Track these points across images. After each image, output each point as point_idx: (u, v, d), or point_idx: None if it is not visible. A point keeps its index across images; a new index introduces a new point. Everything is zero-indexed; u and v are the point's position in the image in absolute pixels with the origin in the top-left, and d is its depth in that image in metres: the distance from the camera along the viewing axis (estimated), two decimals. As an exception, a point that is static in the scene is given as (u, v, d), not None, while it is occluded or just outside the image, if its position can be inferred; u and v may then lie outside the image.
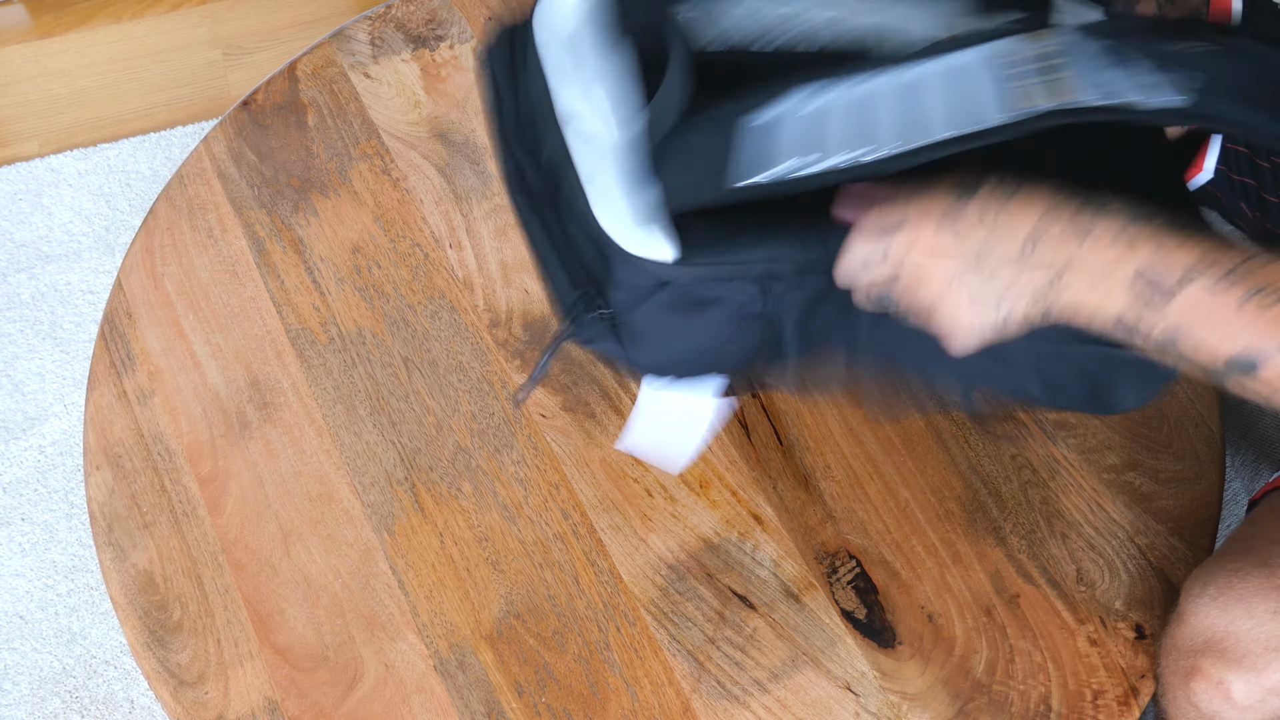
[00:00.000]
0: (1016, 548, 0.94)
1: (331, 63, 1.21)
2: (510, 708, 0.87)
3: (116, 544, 0.94)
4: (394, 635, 0.90)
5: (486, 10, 1.24)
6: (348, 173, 1.13)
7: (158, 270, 1.08)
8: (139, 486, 0.97)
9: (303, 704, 0.88)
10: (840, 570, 0.93)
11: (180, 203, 1.12)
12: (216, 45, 1.92)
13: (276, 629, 0.90)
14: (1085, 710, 0.87)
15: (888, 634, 0.90)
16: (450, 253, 1.09)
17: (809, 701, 0.88)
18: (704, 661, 0.89)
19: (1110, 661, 0.89)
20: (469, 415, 1.00)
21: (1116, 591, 0.92)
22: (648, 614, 0.91)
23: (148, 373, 1.02)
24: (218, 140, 1.15)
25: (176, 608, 0.91)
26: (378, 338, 1.04)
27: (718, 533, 0.94)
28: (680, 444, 0.87)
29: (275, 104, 1.18)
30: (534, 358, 1.02)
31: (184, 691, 0.88)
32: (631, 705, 0.87)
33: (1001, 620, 0.90)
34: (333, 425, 0.99)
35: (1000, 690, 0.88)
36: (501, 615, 0.91)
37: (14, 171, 1.76)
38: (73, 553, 1.46)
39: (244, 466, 0.97)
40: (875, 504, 0.96)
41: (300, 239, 1.09)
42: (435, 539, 0.94)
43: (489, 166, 1.14)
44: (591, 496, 0.96)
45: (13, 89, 1.87)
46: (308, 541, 0.94)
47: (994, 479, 0.97)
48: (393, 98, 1.18)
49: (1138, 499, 0.96)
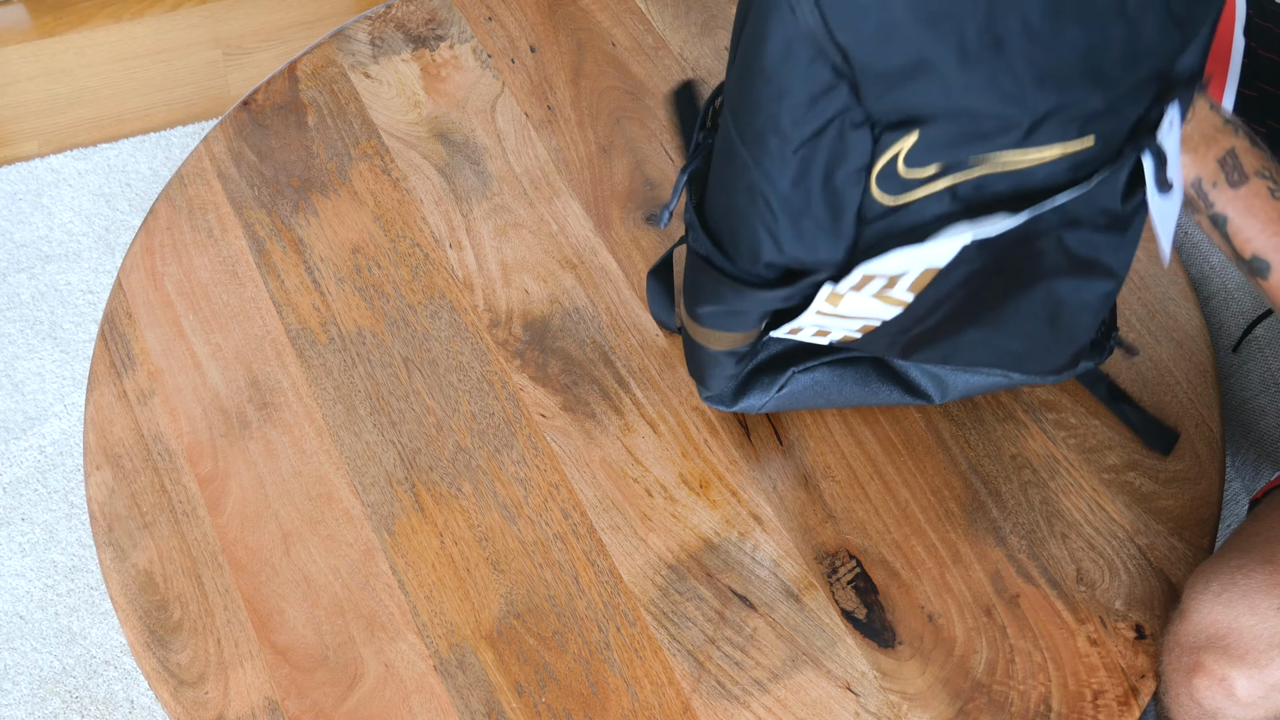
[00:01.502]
0: (1016, 548, 0.94)
1: (331, 63, 1.21)
2: (510, 708, 0.87)
3: (116, 544, 0.94)
4: (394, 635, 0.90)
5: (486, 10, 1.24)
6: (348, 173, 1.13)
7: (158, 270, 1.08)
8: (139, 486, 0.97)
9: (303, 704, 0.88)
10: (840, 570, 0.93)
11: (180, 203, 1.12)
12: (216, 45, 1.92)
13: (276, 629, 0.90)
14: (1085, 710, 0.87)
15: (888, 634, 0.90)
16: (450, 253, 1.09)
17: (809, 701, 0.88)
18: (704, 661, 0.89)
19: (1110, 661, 0.89)
20: (469, 415, 1.00)
21: (1116, 591, 0.92)
22: (648, 614, 0.91)
23: (148, 373, 1.02)
24: (218, 140, 1.15)
25: (176, 608, 0.91)
26: (378, 338, 1.04)
27: (718, 533, 0.94)
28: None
29: (275, 104, 1.18)
30: (534, 357, 1.02)
31: (184, 691, 0.88)
32: (631, 705, 0.87)
33: (1001, 620, 0.90)
34: (333, 425, 0.99)
35: (1000, 690, 0.88)
36: (501, 615, 0.91)
37: (14, 171, 1.76)
38: (73, 553, 1.46)
39: (244, 466, 0.97)
40: (875, 504, 0.95)
41: (300, 239, 1.09)
42: (435, 539, 0.94)
43: (489, 166, 1.14)
44: (591, 496, 0.96)
45: (13, 89, 1.87)
46: (308, 541, 0.94)
47: (994, 479, 0.97)
48: (393, 98, 1.18)
49: (1138, 499, 0.96)
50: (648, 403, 1.00)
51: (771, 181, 0.74)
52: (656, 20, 1.23)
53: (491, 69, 1.20)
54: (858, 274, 0.77)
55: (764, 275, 0.80)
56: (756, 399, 0.94)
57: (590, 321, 1.04)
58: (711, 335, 0.87)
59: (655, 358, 1.03)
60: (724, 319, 0.85)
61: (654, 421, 0.99)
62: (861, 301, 0.80)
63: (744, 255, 0.79)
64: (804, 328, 0.85)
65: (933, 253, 0.75)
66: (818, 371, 0.94)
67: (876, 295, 0.80)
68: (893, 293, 0.79)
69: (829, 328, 0.85)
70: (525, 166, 1.14)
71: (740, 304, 0.82)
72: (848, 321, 0.83)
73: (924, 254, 0.75)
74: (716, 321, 0.85)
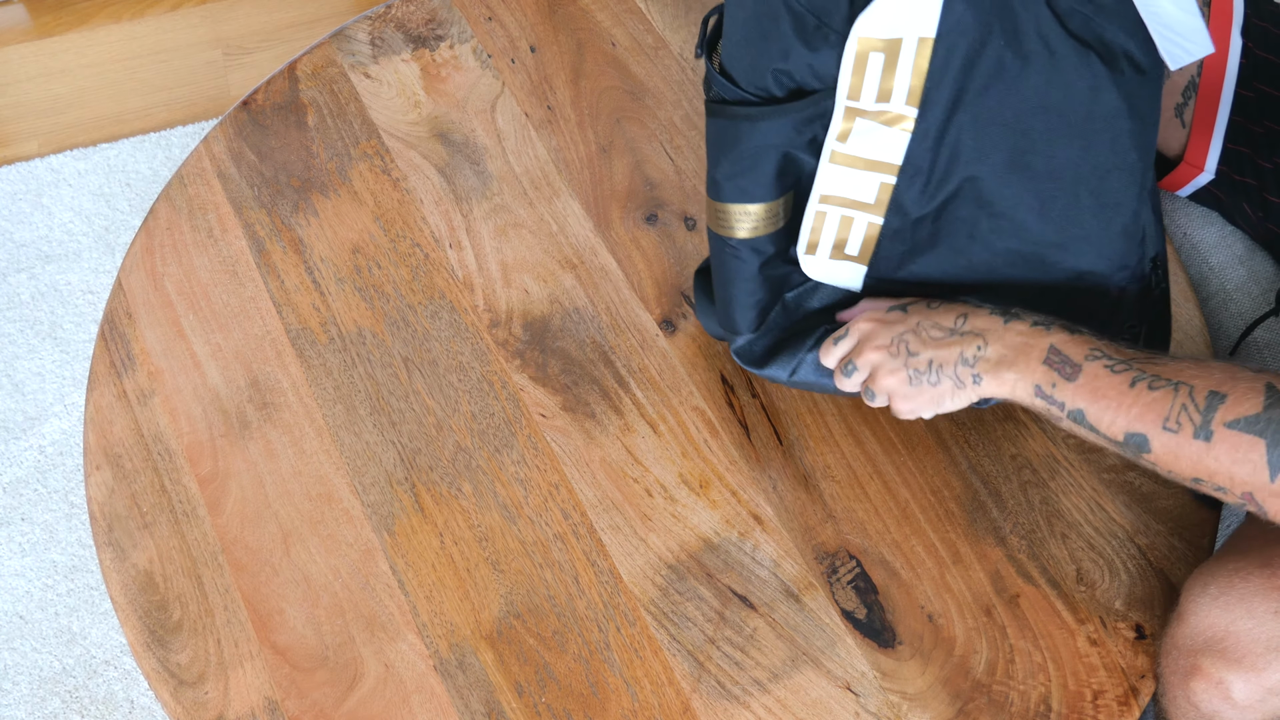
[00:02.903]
0: (1016, 548, 0.94)
1: (331, 63, 1.21)
2: (510, 708, 0.87)
3: (116, 544, 0.94)
4: (394, 635, 0.90)
5: (486, 10, 1.24)
6: (348, 173, 1.13)
7: (158, 270, 1.08)
8: (139, 486, 0.97)
9: (303, 704, 0.88)
10: (840, 570, 0.93)
11: (180, 203, 1.12)
12: (216, 45, 1.92)
13: (276, 629, 0.90)
14: (1085, 710, 0.87)
15: (888, 634, 0.90)
16: (450, 253, 1.09)
17: (809, 701, 0.88)
18: (704, 661, 0.89)
19: (1110, 661, 0.89)
20: (469, 415, 1.00)
21: (1116, 591, 0.92)
22: (648, 614, 0.91)
23: (148, 373, 1.02)
24: (218, 140, 1.15)
25: (176, 608, 0.91)
26: (378, 338, 1.04)
27: (718, 533, 0.94)
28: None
29: (275, 104, 1.18)
30: (534, 358, 1.02)
31: (184, 691, 0.88)
32: (631, 705, 0.87)
33: (1001, 620, 0.91)
34: (333, 425, 0.99)
35: (1000, 690, 0.88)
36: (501, 615, 0.91)
37: (14, 171, 1.76)
38: (73, 553, 1.46)
39: (244, 466, 0.97)
40: (875, 504, 0.96)
41: (300, 239, 1.09)
42: (435, 539, 0.94)
43: (489, 166, 1.14)
44: (591, 496, 0.96)
45: (13, 89, 1.87)
46: (308, 541, 0.94)
47: (994, 479, 0.97)
48: (393, 98, 1.18)
49: (1138, 499, 0.96)
50: (648, 403, 1.00)
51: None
52: (656, 20, 1.23)
53: (491, 69, 1.20)
54: (850, 49, 0.80)
55: (774, 92, 0.84)
56: (783, 367, 0.96)
57: (590, 321, 1.04)
58: (733, 213, 0.89)
59: (655, 358, 1.03)
60: (743, 178, 0.87)
61: (654, 421, 0.99)
62: (868, 134, 0.83)
63: (759, 68, 0.83)
64: (825, 195, 0.87)
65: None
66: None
67: (879, 118, 0.82)
68: (892, 105, 0.82)
69: (848, 193, 0.87)
70: (525, 166, 1.14)
71: (755, 138, 0.85)
72: (863, 179, 0.86)
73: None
74: (736, 186, 0.88)
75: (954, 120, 0.82)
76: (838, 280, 0.93)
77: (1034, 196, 0.85)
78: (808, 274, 0.93)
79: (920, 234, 0.88)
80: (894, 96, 0.82)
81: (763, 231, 0.90)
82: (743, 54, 0.84)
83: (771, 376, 0.96)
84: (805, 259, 0.92)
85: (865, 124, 0.83)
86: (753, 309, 0.94)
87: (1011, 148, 0.83)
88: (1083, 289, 0.89)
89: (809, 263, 0.92)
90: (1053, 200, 0.85)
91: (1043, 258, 0.87)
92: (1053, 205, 0.85)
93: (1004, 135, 0.82)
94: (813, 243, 0.90)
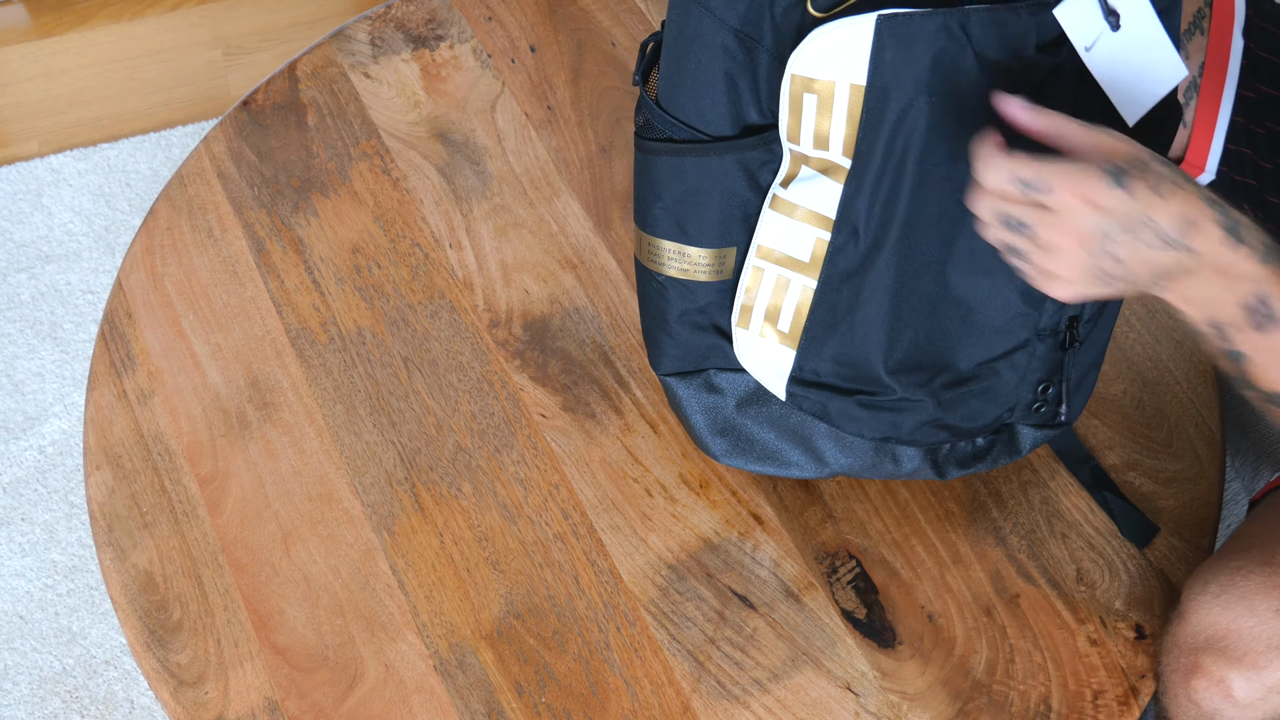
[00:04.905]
0: (1016, 548, 0.94)
1: (331, 63, 1.21)
2: (510, 708, 0.87)
3: (116, 544, 0.94)
4: (394, 635, 0.90)
5: (486, 10, 1.24)
6: (348, 173, 1.13)
7: (158, 270, 1.08)
8: (139, 486, 0.97)
9: (303, 704, 0.88)
10: (840, 570, 0.93)
11: (180, 203, 1.12)
12: (216, 45, 1.92)
13: (276, 629, 0.90)
14: (1085, 710, 0.87)
15: (888, 634, 0.90)
16: (450, 253, 1.09)
17: (809, 701, 0.88)
18: (704, 661, 0.89)
19: (1110, 661, 0.89)
20: (469, 415, 1.00)
21: (1116, 591, 0.92)
22: (648, 614, 0.91)
23: (148, 373, 1.02)
24: (218, 140, 1.15)
25: (176, 608, 0.91)
26: (378, 338, 1.04)
27: (718, 533, 0.94)
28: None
29: (275, 104, 1.18)
30: (534, 358, 1.02)
31: (184, 691, 0.88)
32: (631, 705, 0.87)
33: (1001, 620, 0.91)
34: (333, 425, 0.99)
35: (1000, 690, 0.88)
36: (501, 615, 0.91)
37: (14, 171, 1.76)
38: (73, 553, 1.46)
39: (244, 466, 0.97)
40: (875, 504, 0.96)
41: (300, 239, 1.09)
42: (435, 539, 0.94)
43: (489, 166, 1.14)
44: (591, 496, 0.96)
45: (13, 89, 1.87)
46: (308, 541, 0.94)
47: (994, 479, 0.97)
48: (392, 98, 1.18)
49: (1138, 499, 0.96)
50: (648, 403, 1.00)
51: (722, 21, 0.77)
52: (656, 20, 1.23)
53: (491, 69, 1.20)
54: (786, 86, 0.76)
55: (725, 132, 0.80)
56: (752, 464, 0.93)
57: (590, 321, 1.05)
58: (662, 250, 0.85)
59: (655, 358, 1.03)
60: (681, 207, 0.83)
61: (654, 421, 0.99)
62: (808, 181, 0.79)
63: (704, 115, 0.80)
64: (763, 246, 0.83)
65: (847, 33, 0.73)
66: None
67: (817, 165, 0.78)
68: (830, 154, 0.77)
69: (785, 248, 0.82)
70: (525, 166, 1.14)
71: (701, 173, 0.81)
72: (800, 232, 0.81)
73: (839, 35, 0.73)
74: (669, 218, 0.84)
75: (886, 178, 0.76)
76: (764, 373, 0.87)
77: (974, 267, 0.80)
78: (738, 357, 0.88)
79: (840, 299, 0.82)
80: (831, 144, 0.77)
81: (691, 272, 0.85)
82: (681, 83, 0.80)
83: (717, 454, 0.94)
84: (737, 333, 0.86)
85: (807, 170, 0.79)
86: (674, 354, 0.91)
87: (953, 217, 0.77)
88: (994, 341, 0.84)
89: (740, 339, 0.87)
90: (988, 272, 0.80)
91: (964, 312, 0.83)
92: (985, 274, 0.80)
93: (940, 200, 0.77)
94: (746, 307, 0.85)
